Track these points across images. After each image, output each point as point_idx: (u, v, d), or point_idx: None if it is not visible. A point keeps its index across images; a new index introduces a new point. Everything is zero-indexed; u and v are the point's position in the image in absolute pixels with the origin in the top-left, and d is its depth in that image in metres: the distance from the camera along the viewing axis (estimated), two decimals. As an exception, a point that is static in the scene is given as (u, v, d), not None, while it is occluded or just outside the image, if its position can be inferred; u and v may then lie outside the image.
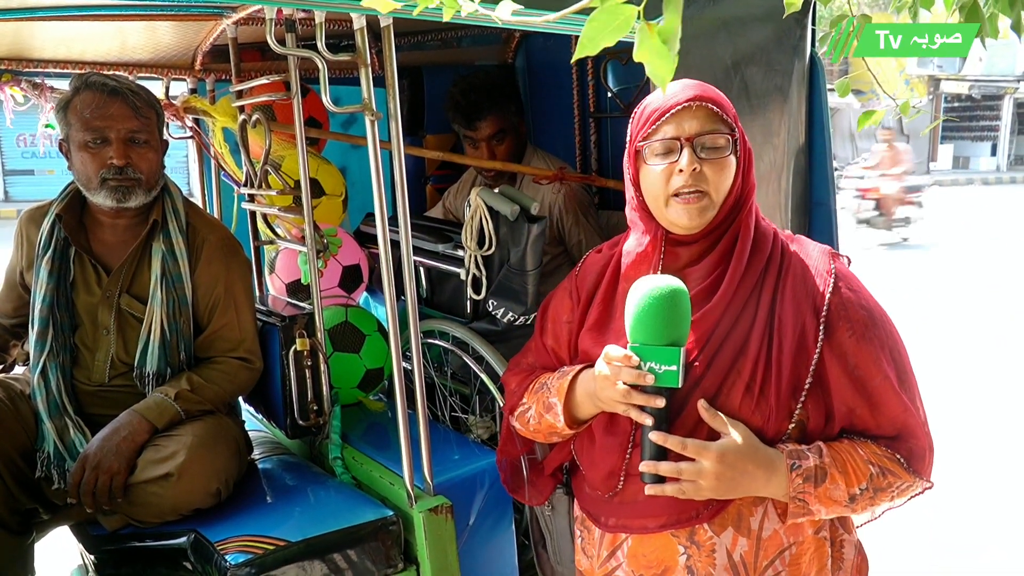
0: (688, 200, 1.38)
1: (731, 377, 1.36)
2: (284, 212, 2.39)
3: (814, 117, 2.48)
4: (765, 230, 1.47)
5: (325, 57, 1.85)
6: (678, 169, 1.37)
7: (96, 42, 2.47)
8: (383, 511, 2.01)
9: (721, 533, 1.38)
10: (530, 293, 2.42)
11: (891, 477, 1.35)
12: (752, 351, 1.36)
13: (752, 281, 1.41)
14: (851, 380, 1.36)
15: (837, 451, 1.35)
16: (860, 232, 12.41)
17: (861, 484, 1.33)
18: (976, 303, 8.26)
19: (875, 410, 1.36)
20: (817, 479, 1.32)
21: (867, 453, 1.35)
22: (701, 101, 1.39)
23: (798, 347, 1.35)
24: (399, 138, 1.90)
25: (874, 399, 1.36)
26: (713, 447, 1.31)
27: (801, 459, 1.32)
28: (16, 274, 2.24)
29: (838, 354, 1.36)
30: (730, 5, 2.24)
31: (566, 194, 2.95)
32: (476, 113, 2.92)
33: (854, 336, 1.36)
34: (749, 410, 1.35)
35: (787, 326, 1.36)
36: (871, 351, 1.36)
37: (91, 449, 1.96)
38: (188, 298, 2.17)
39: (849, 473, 1.33)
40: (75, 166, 2.10)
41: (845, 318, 1.37)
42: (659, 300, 1.30)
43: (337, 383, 2.46)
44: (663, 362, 1.30)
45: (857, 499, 1.34)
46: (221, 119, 2.58)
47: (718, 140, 1.39)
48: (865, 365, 1.36)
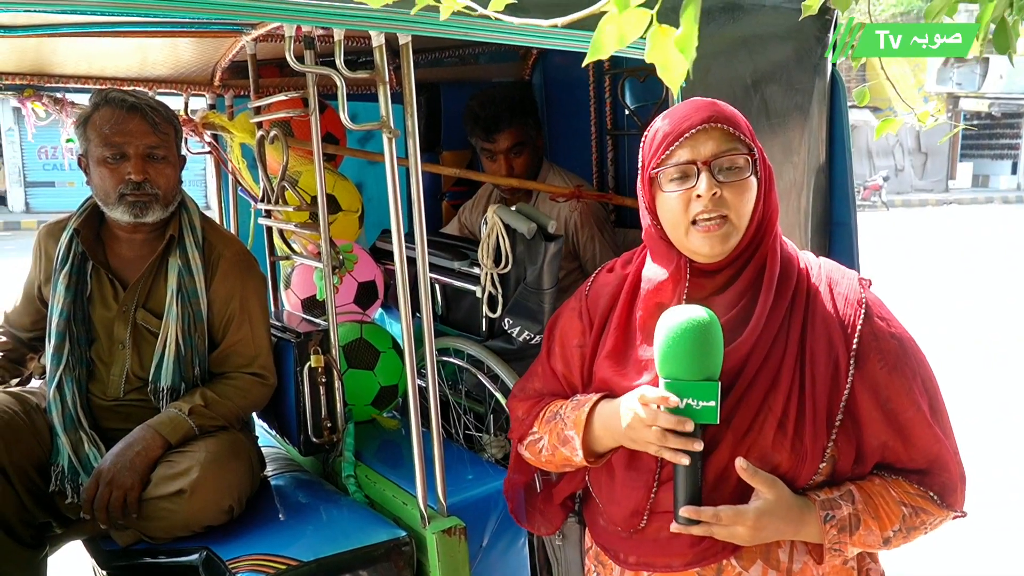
0: (709, 228, 1.31)
1: (763, 413, 1.31)
2: (300, 228, 2.39)
3: (835, 136, 2.46)
4: (790, 255, 1.41)
5: (344, 74, 1.85)
6: (696, 195, 1.31)
7: (117, 58, 2.49)
8: (396, 532, 1.99)
9: (750, 568, 1.34)
10: (546, 312, 2.41)
11: (924, 515, 1.32)
12: (784, 385, 1.31)
13: (782, 311, 1.35)
14: (883, 413, 1.31)
15: (869, 495, 1.30)
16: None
17: (895, 526, 1.30)
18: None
19: (907, 443, 1.32)
20: (852, 528, 1.28)
21: (899, 493, 1.32)
22: (715, 122, 1.32)
23: (831, 381, 1.30)
24: (416, 155, 1.89)
25: (906, 431, 1.32)
26: (749, 514, 1.26)
27: (834, 509, 1.28)
28: (34, 288, 2.25)
29: (870, 387, 1.31)
30: (750, 23, 2.24)
31: (582, 209, 2.94)
32: (495, 125, 2.92)
33: (886, 367, 1.31)
34: (782, 448, 1.29)
35: (819, 359, 1.31)
36: (903, 382, 1.32)
37: (105, 464, 1.95)
38: (203, 313, 2.17)
39: (882, 517, 1.29)
40: (94, 181, 2.11)
41: (876, 349, 1.32)
42: (692, 333, 1.24)
43: (351, 400, 2.45)
44: (700, 398, 1.24)
45: (891, 540, 1.31)
46: (239, 135, 2.59)
47: (737, 161, 1.32)
48: (897, 397, 1.31)
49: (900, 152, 25.08)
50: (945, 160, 25.76)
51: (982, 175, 27.02)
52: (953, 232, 16.08)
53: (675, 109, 1.39)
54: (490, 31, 1.77)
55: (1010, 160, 26.82)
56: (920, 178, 25.55)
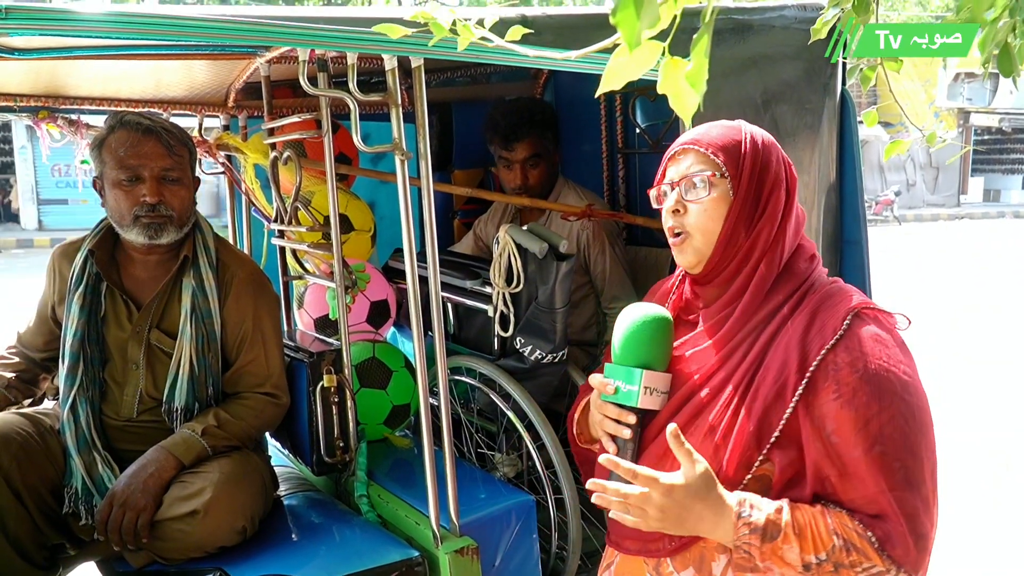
0: (674, 242, 1.43)
1: (701, 417, 1.35)
2: (313, 248, 2.40)
3: (845, 155, 2.46)
4: (796, 273, 1.40)
5: (357, 97, 1.86)
6: (666, 210, 1.43)
7: (132, 80, 2.52)
8: (408, 552, 1.99)
9: (682, 571, 1.36)
10: (558, 331, 2.41)
11: (857, 555, 1.23)
12: (728, 396, 1.34)
13: (752, 325, 1.38)
14: (824, 445, 1.26)
15: (800, 512, 1.25)
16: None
17: (819, 554, 1.23)
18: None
19: (845, 482, 1.26)
20: (766, 534, 1.23)
21: (835, 523, 1.24)
22: (693, 144, 1.41)
23: (774, 398, 1.29)
24: (428, 176, 1.91)
25: (847, 470, 1.25)
26: (663, 479, 1.27)
27: (755, 509, 1.25)
28: (48, 308, 2.27)
29: (816, 415, 1.27)
30: (759, 43, 2.25)
31: (594, 225, 2.95)
32: (514, 134, 2.95)
33: (840, 399, 1.25)
34: (707, 453, 1.31)
35: (769, 376, 1.31)
36: (855, 418, 1.24)
37: (119, 486, 1.96)
38: (217, 333, 2.18)
39: (807, 538, 1.23)
40: (109, 203, 2.13)
41: (835, 379, 1.26)
42: (638, 325, 1.38)
43: (363, 419, 2.45)
44: (626, 381, 1.36)
45: (813, 568, 1.23)
46: (253, 156, 2.61)
47: (700, 179, 1.39)
48: (843, 432, 1.24)
49: (912, 167, 25.05)
50: (956, 175, 25.70)
51: (993, 190, 26.95)
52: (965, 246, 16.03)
53: (690, 131, 1.48)
54: (503, 54, 1.78)
55: (1021, 175, 26.74)
56: (932, 193, 25.50)
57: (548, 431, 2.34)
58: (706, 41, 0.88)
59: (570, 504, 2.30)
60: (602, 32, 0.97)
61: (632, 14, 0.80)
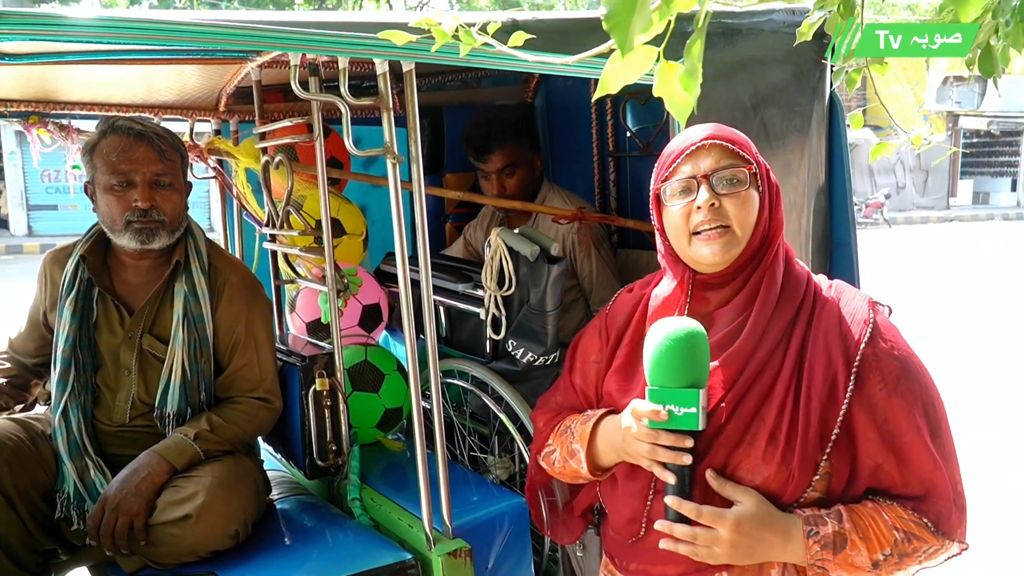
0: (711, 236, 1.37)
1: (755, 424, 1.33)
2: (305, 252, 2.41)
3: (834, 157, 2.48)
4: (799, 274, 1.44)
5: (348, 101, 1.87)
6: (696, 206, 1.37)
7: (123, 85, 2.52)
8: (402, 554, 1.99)
9: None
10: (550, 333, 2.42)
11: (917, 542, 1.29)
12: (778, 398, 1.32)
13: (782, 325, 1.37)
14: (880, 434, 1.30)
15: (859, 515, 1.29)
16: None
17: (884, 550, 1.28)
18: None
19: (903, 466, 1.31)
20: (836, 546, 1.27)
21: (892, 517, 1.30)
22: (714, 139, 1.40)
23: (827, 397, 1.31)
24: (420, 180, 1.91)
25: (903, 454, 1.30)
26: (729, 515, 1.28)
27: (819, 525, 1.28)
28: (39, 314, 2.26)
29: (868, 407, 1.31)
30: (748, 47, 2.26)
31: (580, 228, 2.96)
32: (485, 145, 2.97)
33: (886, 388, 1.31)
34: (772, 460, 1.31)
35: (817, 374, 1.32)
36: (903, 404, 1.31)
37: (111, 491, 1.96)
38: (209, 338, 2.18)
39: (871, 539, 1.28)
40: (100, 208, 2.13)
41: (877, 369, 1.31)
42: (676, 342, 1.29)
43: (356, 423, 2.45)
44: (682, 404, 1.28)
45: (881, 564, 1.29)
46: (244, 160, 2.61)
47: (736, 174, 1.38)
48: (895, 419, 1.30)
49: (901, 170, 25.16)
50: (946, 178, 25.83)
51: (982, 192, 27.09)
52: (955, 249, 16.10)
53: (681, 132, 1.46)
54: (496, 59, 1.79)
55: (1010, 177, 26.90)
56: (921, 195, 25.61)
57: (540, 434, 2.34)
58: (700, 45, 0.89)
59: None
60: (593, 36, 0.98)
61: (625, 20, 0.80)
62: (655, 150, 3.01)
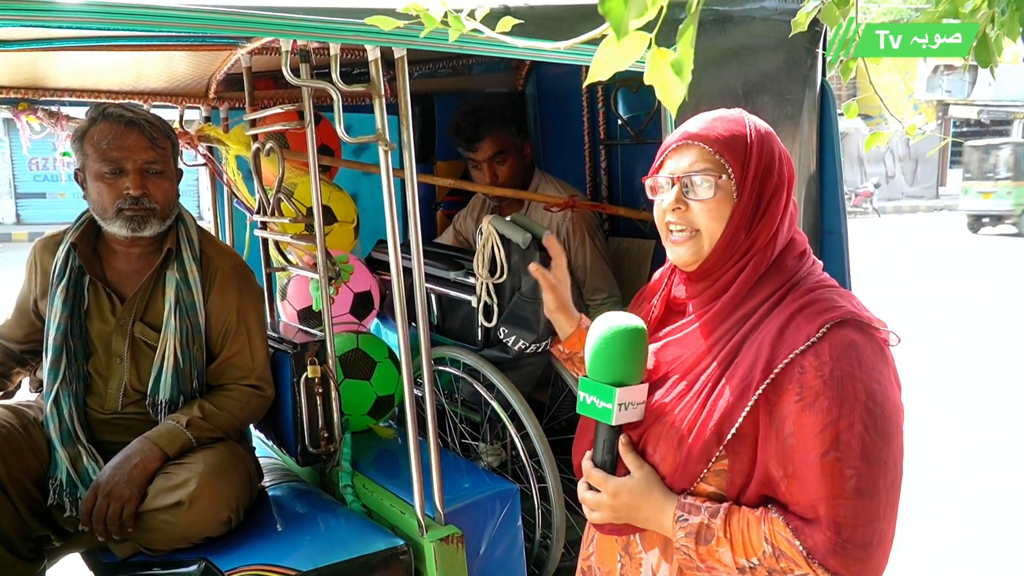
0: (678, 239, 1.38)
1: (670, 406, 1.37)
2: (296, 239, 2.40)
3: (825, 146, 2.48)
4: (782, 270, 1.38)
5: (339, 88, 1.86)
6: (666, 206, 1.38)
7: (112, 71, 2.50)
8: (394, 540, 2.00)
9: (649, 551, 1.41)
10: (541, 321, 2.42)
11: (787, 562, 1.24)
12: (697, 388, 1.35)
13: (733, 321, 1.36)
14: (781, 447, 1.26)
15: (737, 518, 1.27)
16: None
17: (751, 558, 1.26)
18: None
19: (794, 485, 1.25)
20: (700, 537, 1.28)
21: (768, 530, 1.25)
22: (695, 139, 1.35)
23: (738, 396, 1.29)
24: (412, 167, 1.91)
25: (798, 473, 1.25)
26: (610, 483, 1.36)
27: (691, 514, 1.30)
28: (29, 302, 2.25)
29: (777, 416, 1.27)
30: (740, 35, 2.26)
31: (574, 217, 2.96)
32: (475, 134, 2.96)
33: (801, 403, 1.25)
34: (671, 444, 1.34)
35: (737, 373, 1.31)
36: (815, 423, 1.23)
37: (103, 477, 1.96)
38: (201, 326, 2.18)
39: (737, 543, 1.26)
40: (91, 196, 2.12)
41: (799, 382, 1.25)
42: (610, 339, 1.34)
43: (348, 410, 2.46)
44: (602, 399, 1.34)
45: (748, 571, 1.27)
46: (235, 147, 2.60)
47: (704, 179, 1.34)
48: (802, 436, 1.24)
49: (891, 159, 25.21)
50: (935, 167, 25.89)
51: (972, 181, 27.14)
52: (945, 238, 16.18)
53: (689, 120, 1.42)
54: (488, 45, 1.79)
55: (1000, 166, 26.95)
56: (911, 185, 25.68)
57: (532, 421, 2.35)
58: (692, 31, 0.89)
59: (554, 493, 2.31)
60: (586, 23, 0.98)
61: (620, 3, 0.80)
62: (646, 138, 3.02)
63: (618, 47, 0.86)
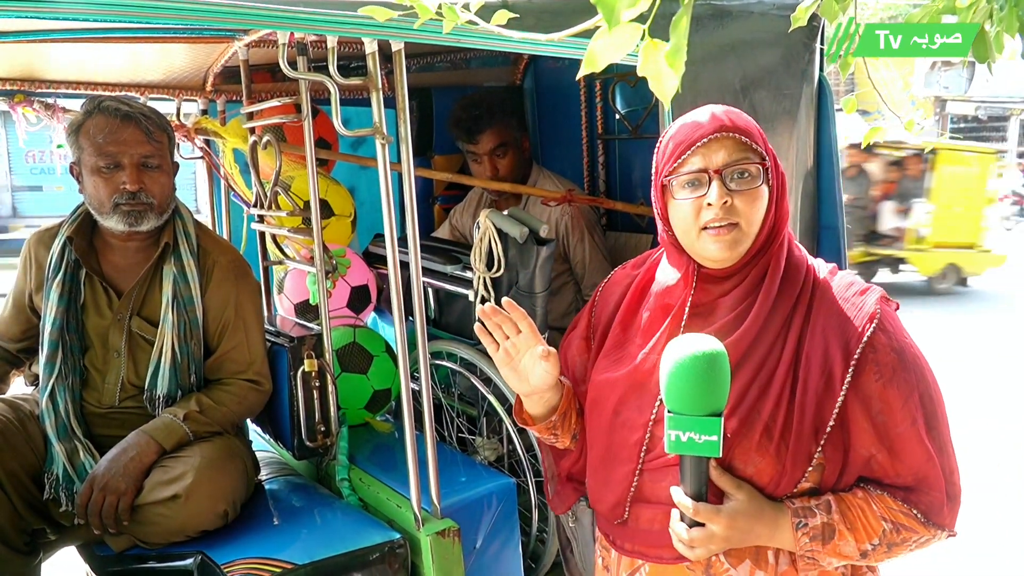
0: (719, 232, 1.32)
1: (751, 416, 1.32)
2: (293, 233, 2.40)
3: (822, 141, 2.49)
4: (798, 260, 1.41)
5: (337, 81, 1.86)
6: (707, 203, 1.32)
7: (109, 64, 2.50)
8: (390, 534, 2.00)
9: (738, 566, 1.35)
10: (538, 315, 2.42)
11: (906, 532, 1.31)
12: (774, 391, 1.32)
13: (782, 315, 1.35)
14: (874, 426, 1.30)
15: (848, 506, 1.30)
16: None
17: (873, 540, 1.29)
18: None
19: (895, 458, 1.30)
20: (825, 537, 1.29)
21: (881, 508, 1.31)
22: (728, 131, 1.32)
23: (824, 389, 1.30)
24: (409, 161, 1.91)
25: (896, 446, 1.30)
26: (724, 512, 1.28)
27: (807, 517, 1.29)
28: (25, 296, 2.23)
29: (863, 398, 1.30)
30: (738, 29, 2.26)
31: (573, 213, 2.96)
32: (476, 127, 2.96)
33: (881, 380, 1.29)
34: (766, 453, 1.31)
35: (814, 366, 1.31)
36: (898, 395, 1.29)
37: (99, 470, 1.96)
38: (199, 320, 2.17)
39: (859, 529, 1.29)
40: (87, 190, 2.11)
41: (874, 361, 1.30)
42: (696, 366, 1.22)
43: (345, 404, 2.46)
44: (703, 432, 1.23)
45: (870, 554, 1.30)
46: (232, 140, 2.59)
47: (749, 169, 1.32)
48: (890, 411, 1.29)
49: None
50: (932, 162, 25.88)
51: (969, 177, 27.15)
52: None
53: (689, 116, 1.39)
54: (485, 39, 1.78)
55: (997, 163, 26.97)
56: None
57: (529, 415, 2.35)
58: (685, 22, 0.89)
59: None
60: (583, 16, 0.98)
61: (612, -8, 0.80)
62: (644, 133, 3.02)
63: (611, 38, 0.86)
